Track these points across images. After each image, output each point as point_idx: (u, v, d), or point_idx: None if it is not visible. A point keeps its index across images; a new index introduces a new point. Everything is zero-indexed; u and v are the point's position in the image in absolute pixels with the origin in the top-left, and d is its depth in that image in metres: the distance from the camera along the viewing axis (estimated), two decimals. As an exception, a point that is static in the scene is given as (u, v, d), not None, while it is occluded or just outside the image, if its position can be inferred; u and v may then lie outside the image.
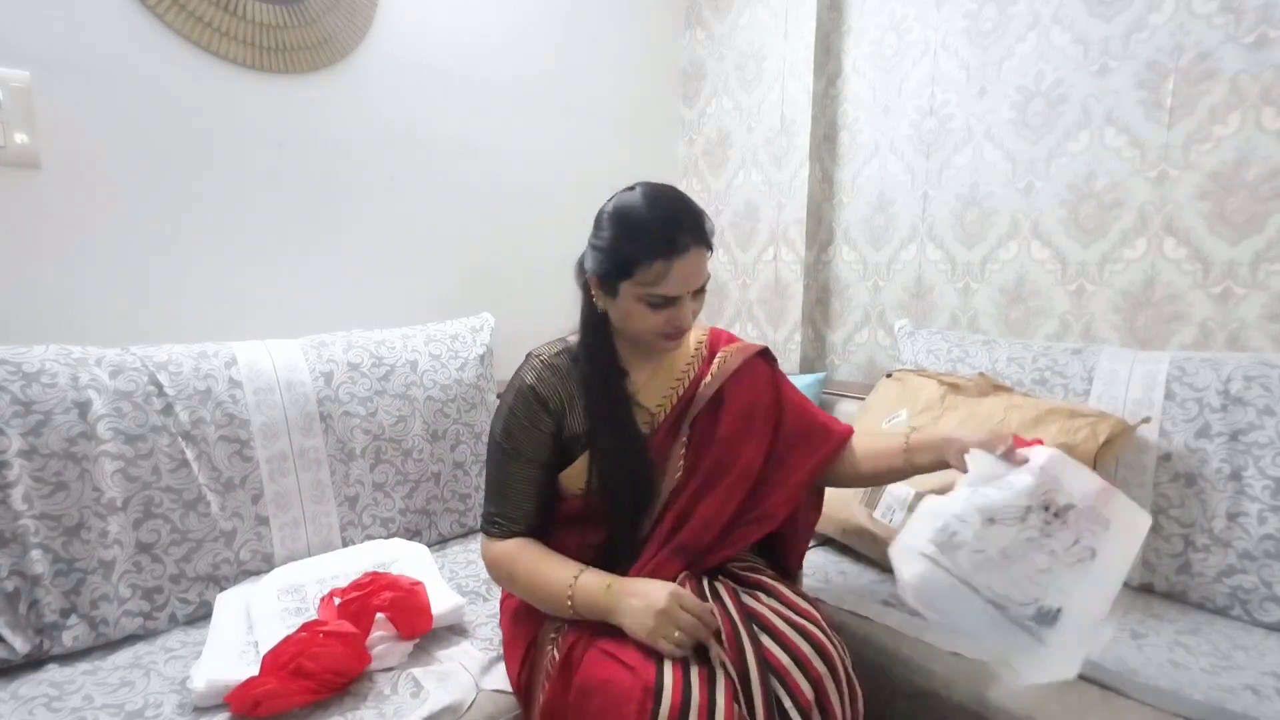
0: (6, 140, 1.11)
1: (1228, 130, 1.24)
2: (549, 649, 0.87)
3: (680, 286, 0.87)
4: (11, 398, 0.96)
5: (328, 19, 1.41)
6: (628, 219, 0.88)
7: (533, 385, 0.93)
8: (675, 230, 0.85)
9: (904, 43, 1.67)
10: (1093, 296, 1.43)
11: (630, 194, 0.90)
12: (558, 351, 0.96)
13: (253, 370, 1.18)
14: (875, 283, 1.80)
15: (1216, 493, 1.11)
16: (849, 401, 1.67)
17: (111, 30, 1.19)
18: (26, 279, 1.15)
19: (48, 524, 0.96)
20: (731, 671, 0.76)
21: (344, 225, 1.51)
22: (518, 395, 0.93)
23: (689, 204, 0.89)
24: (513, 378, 0.96)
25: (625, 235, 0.87)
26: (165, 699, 0.86)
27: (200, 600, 1.07)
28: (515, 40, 1.73)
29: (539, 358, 0.95)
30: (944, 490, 1.17)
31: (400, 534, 1.31)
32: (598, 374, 0.94)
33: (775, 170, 1.88)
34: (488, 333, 1.54)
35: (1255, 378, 1.11)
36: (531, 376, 0.93)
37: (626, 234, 0.87)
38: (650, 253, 0.84)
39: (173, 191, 1.28)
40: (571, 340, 0.98)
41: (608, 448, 0.93)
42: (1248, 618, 1.07)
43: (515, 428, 0.92)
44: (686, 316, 0.90)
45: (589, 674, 0.79)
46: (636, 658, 0.77)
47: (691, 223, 0.87)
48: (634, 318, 0.90)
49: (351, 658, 0.87)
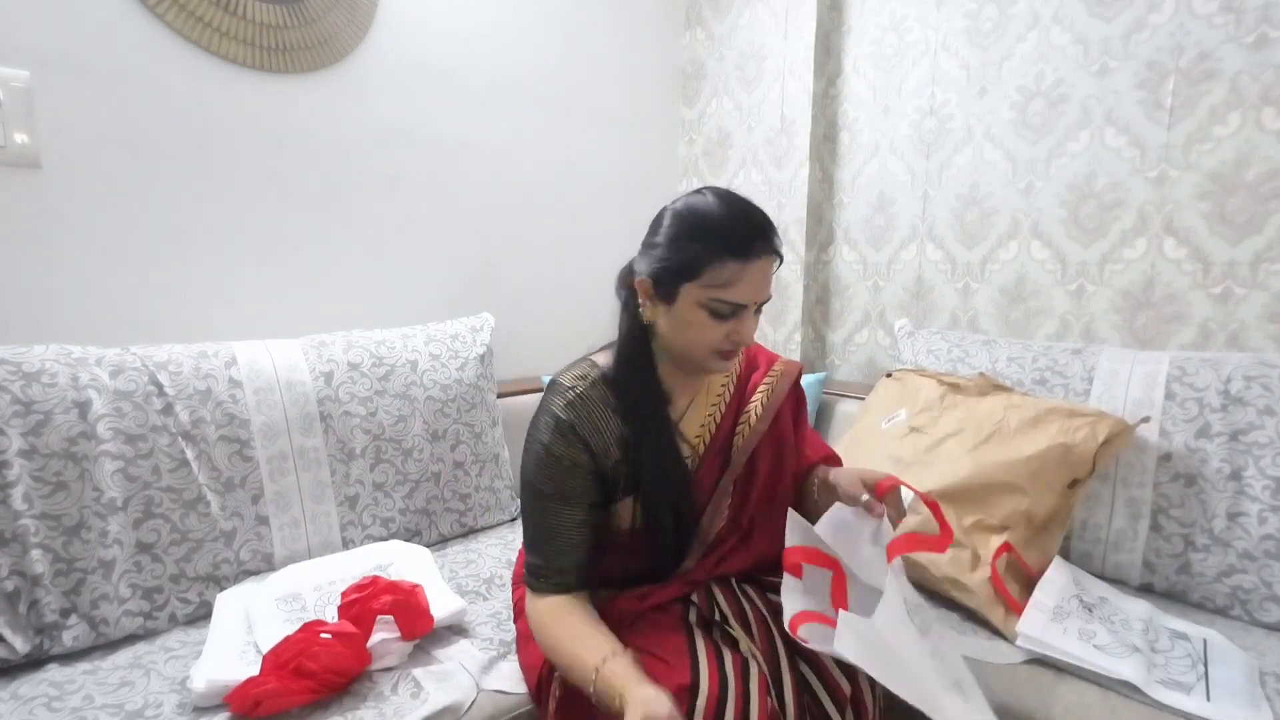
0: (6, 140, 1.11)
1: (1228, 130, 1.24)
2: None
3: (750, 294, 0.79)
4: (11, 398, 0.96)
5: (328, 19, 1.41)
6: (699, 215, 0.80)
7: (571, 422, 0.82)
8: (753, 231, 0.78)
9: (904, 43, 1.67)
10: (1093, 296, 1.43)
11: (699, 195, 0.82)
12: (585, 376, 0.86)
13: (253, 370, 1.18)
14: (875, 283, 1.80)
15: (1216, 493, 1.11)
16: (849, 401, 1.67)
17: (111, 30, 1.19)
18: (26, 279, 1.15)
19: (48, 524, 0.96)
20: (762, 664, 0.77)
21: (344, 225, 1.51)
22: (553, 433, 0.83)
23: (762, 210, 0.82)
24: (540, 413, 0.86)
25: (695, 232, 0.79)
26: (165, 699, 0.86)
27: (200, 600, 1.07)
28: (515, 40, 1.73)
29: (570, 390, 0.84)
30: (944, 489, 1.18)
31: (400, 534, 1.31)
32: (640, 401, 0.85)
33: (775, 170, 1.88)
34: (488, 333, 1.54)
35: (1255, 378, 1.11)
36: (566, 411, 0.83)
37: (697, 231, 0.79)
38: (724, 251, 0.77)
39: (173, 191, 1.28)
40: (599, 362, 0.88)
41: (654, 488, 0.84)
42: (1248, 618, 1.07)
43: (554, 470, 0.83)
44: (749, 332, 0.82)
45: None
46: (672, 653, 0.76)
47: (768, 227, 0.80)
48: (692, 328, 0.81)
49: (351, 658, 0.87)
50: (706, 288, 0.78)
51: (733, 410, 0.92)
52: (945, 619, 1.09)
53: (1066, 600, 1.05)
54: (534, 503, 0.85)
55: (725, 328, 0.80)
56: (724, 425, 0.91)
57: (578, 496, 0.84)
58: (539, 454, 0.84)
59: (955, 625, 1.07)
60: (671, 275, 0.80)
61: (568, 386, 0.85)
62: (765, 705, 0.73)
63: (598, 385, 0.85)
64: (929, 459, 1.23)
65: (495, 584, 1.19)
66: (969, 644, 1.01)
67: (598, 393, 0.85)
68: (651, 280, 0.82)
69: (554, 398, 0.85)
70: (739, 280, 0.78)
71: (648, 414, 0.84)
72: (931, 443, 1.25)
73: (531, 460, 0.85)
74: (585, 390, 0.84)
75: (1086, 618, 1.02)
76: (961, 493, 1.15)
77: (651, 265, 0.81)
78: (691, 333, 0.81)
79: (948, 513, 1.13)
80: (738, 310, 0.80)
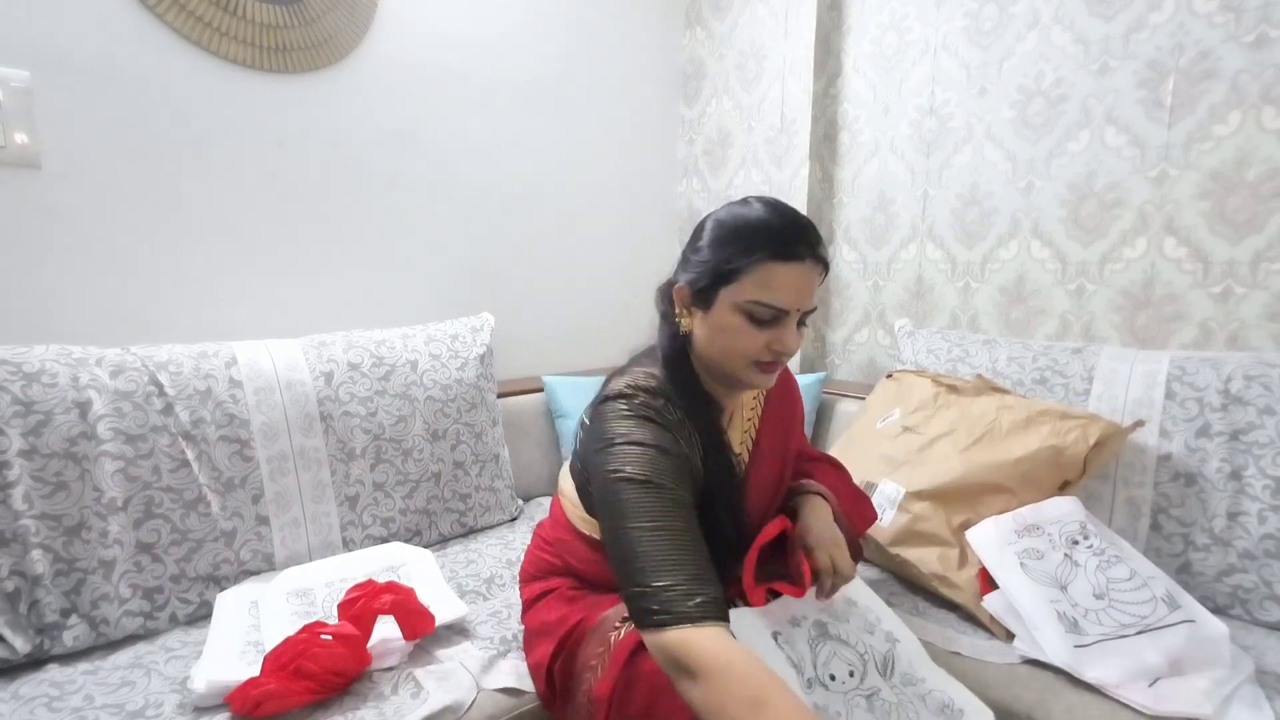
0: (6, 140, 1.11)
1: (1228, 130, 1.24)
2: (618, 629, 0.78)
3: (793, 299, 0.75)
4: (12, 398, 0.96)
5: (328, 19, 1.41)
6: (741, 219, 0.77)
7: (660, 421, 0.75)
8: (797, 233, 0.75)
9: (904, 42, 1.67)
10: (1093, 296, 1.43)
11: (742, 202, 0.79)
12: (643, 386, 0.79)
13: (253, 370, 1.18)
14: (875, 282, 1.80)
15: (1217, 492, 1.11)
16: (849, 401, 1.67)
17: (111, 30, 1.19)
18: (26, 279, 1.15)
19: (48, 524, 0.96)
20: None
21: (344, 225, 1.51)
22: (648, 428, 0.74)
23: (807, 217, 0.80)
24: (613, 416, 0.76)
25: (737, 235, 0.76)
26: (166, 699, 0.86)
27: (200, 600, 1.07)
28: (515, 40, 1.73)
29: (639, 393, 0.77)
30: (934, 489, 1.18)
31: (400, 534, 1.31)
32: (694, 409, 0.80)
33: (775, 170, 1.88)
34: (488, 333, 1.54)
35: (1255, 377, 1.11)
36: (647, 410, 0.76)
37: (739, 233, 0.76)
38: (766, 252, 0.74)
39: (173, 191, 1.28)
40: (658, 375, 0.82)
41: (717, 496, 0.80)
42: (1248, 617, 1.07)
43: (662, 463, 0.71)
44: (792, 342, 0.77)
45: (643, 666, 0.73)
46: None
47: (813, 233, 0.77)
48: (730, 334, 0.76)
49: (352, 658, 0.87)
50: (746, 290, 0.75)
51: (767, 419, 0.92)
52: (941, 619, 1.09)
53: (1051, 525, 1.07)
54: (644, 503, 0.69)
55: (765, 336, 0.76)
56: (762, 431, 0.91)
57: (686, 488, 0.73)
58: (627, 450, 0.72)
59: (952, 625, 1.07)
60: (711, 278, 0.77)
61: (639, 386, 0.79)
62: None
63: (657, 396, 0.79)
64: (920, 459, 1.23)
65: (495, 584, 1.19)
66: (967, 644, 1.01)
67: (659, 403, 0.78)
68: (690, 286, 0.79)
69: (622, 404, 0.77)
70: (780, 283, 0.74)
71: (704, 422, 0.81)
72: (924, 443, 1.25)
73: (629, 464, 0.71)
74: (661, 404, 0.78)
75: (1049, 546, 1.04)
76: (952, 492, 1.15)
77: (691, 271, 0.79)
78: (730, 338, 0.77)
79: (938, 511, 1.14)
80: (779, 316, 0.76)
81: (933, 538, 1.13)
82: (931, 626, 1.06)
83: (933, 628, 1.06)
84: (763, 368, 0.78)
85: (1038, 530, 1.07)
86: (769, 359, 0.78)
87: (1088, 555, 1.02)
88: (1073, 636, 0.93)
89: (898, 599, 1.15)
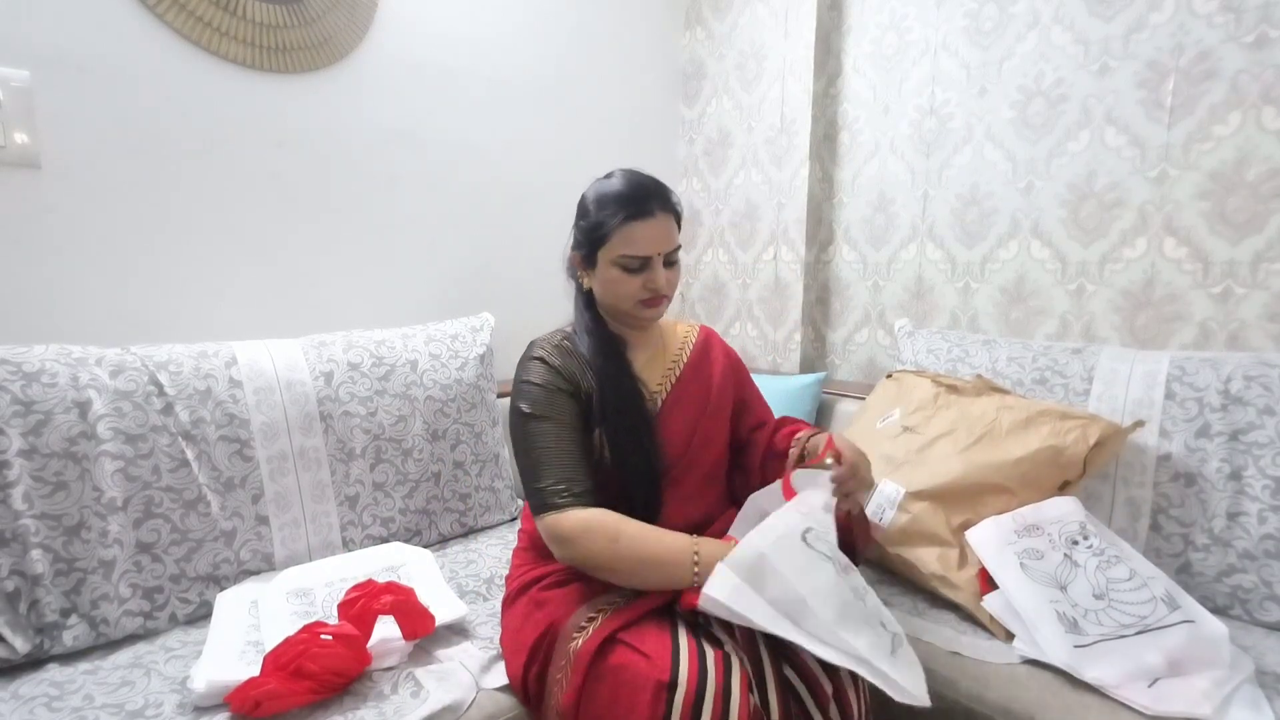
0: (6, 140, 1.11)
1: (1228, 130, 1.24)
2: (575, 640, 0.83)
3: (651, 247, 0.93)
4: (11, 398, 0.96)
5: (328, 19, 1.41)
6: (601, 192, 0.96)
7: (544, 358, 0.96)
8: (644, 195, 0.93)
9: (904, 42, 1.67)
10: (1093, 296, 1.43)
11: (605, 177, 0.98)
12: (561, 337, 1.00)
13: (253, 370, 1.18)
14: (875, 282, 1.80)
15: (1216, 492, 1.11)
16: (849, 401, 1.67)
17: (111, 30, 1.19)
18: (26, 279, 1.15)
19: (48, 524, 0.96)
20: (745, 662, 0.77)
21: (344, 225, 1.51)
22: (533, 369, 0.95)
23: (656, 179, 0.97)
24: (521, 364, 0.98)
25: (600, 205, 0.95)
26: (165, 699, 0.86)
27: (200, 600, 1.07)
28: (515, 40, 1.73)
29: (543, 342, 0.99)
30: (934, 489, 1.18)
31: (400, 534, 1.31)
32: (599, 346, 0.98)
33: (775, 170, 1.88)
34: (488, 333, 1.54)
35: (1255, 377, 1.11)
36: (549, 356, 0.96)
37: (600, 204, 0.95)
38: (623, 214, 0.92)
39: (172, 191, 1.28)
40: (569, 329, 1.03)
41: (619, 419, 0.94)
42: (1248, 617, 1.07)
43: (541, 396, 0.93)
44: (661, 280, 0.95)
45: (606, 662, 0.79)
46: (653, 647, 0.77)
47: (659, 191, 0.95)
48: (613, 284, 0.95)
49: (352, 658, 0.87)
50: (614, 249, 0.93)
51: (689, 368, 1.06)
52: (941, 619, 1.09)
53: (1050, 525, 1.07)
54: (531, 428, 0.92)
55: (639, 279, 0.94)
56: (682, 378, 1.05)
57: (568, 417, 0.93)
58: (525, 390, 0.94)
59: (952, 625, 1.07)
60: (590, 244, 0.95)
61: (541, 341, 1.00)
62: (746, 703, 0.73)
63: (570, 339, 1.00)
64: (920, 459, 1.23)
65: (495, 584, 1.19)
66: (967, 644, 1.01)
67: (568, 344, 0.99)
68: (578, 251, 0.99)
69: (534, 350, 0.98)
70: (639, 236, 0.92)
71: (604, 355, 0.98)
72: (924, 443, 1.25)
73: (520, 397, 0.94)
74: (558, 342, 0.99)
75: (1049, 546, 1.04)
76: (951, 493, 1.15)
77: (574, 243, 0.99)
78: (615, 288, 0.95)
79: (938, 511, 1.14)
80: (646, 262, 0.94)
81: (932, 538, 1.14)
82: (931, 626, 1.06)
83: (932, 628, 1.06)
84: (646, 304, 0.96)
85: (1037, 530, 1.07)
86: (648, 296, 0.95)
87: (1087, 555, 1.02)
88: (1072, 637, 0.93)
89: (898, 599, 1.15)
